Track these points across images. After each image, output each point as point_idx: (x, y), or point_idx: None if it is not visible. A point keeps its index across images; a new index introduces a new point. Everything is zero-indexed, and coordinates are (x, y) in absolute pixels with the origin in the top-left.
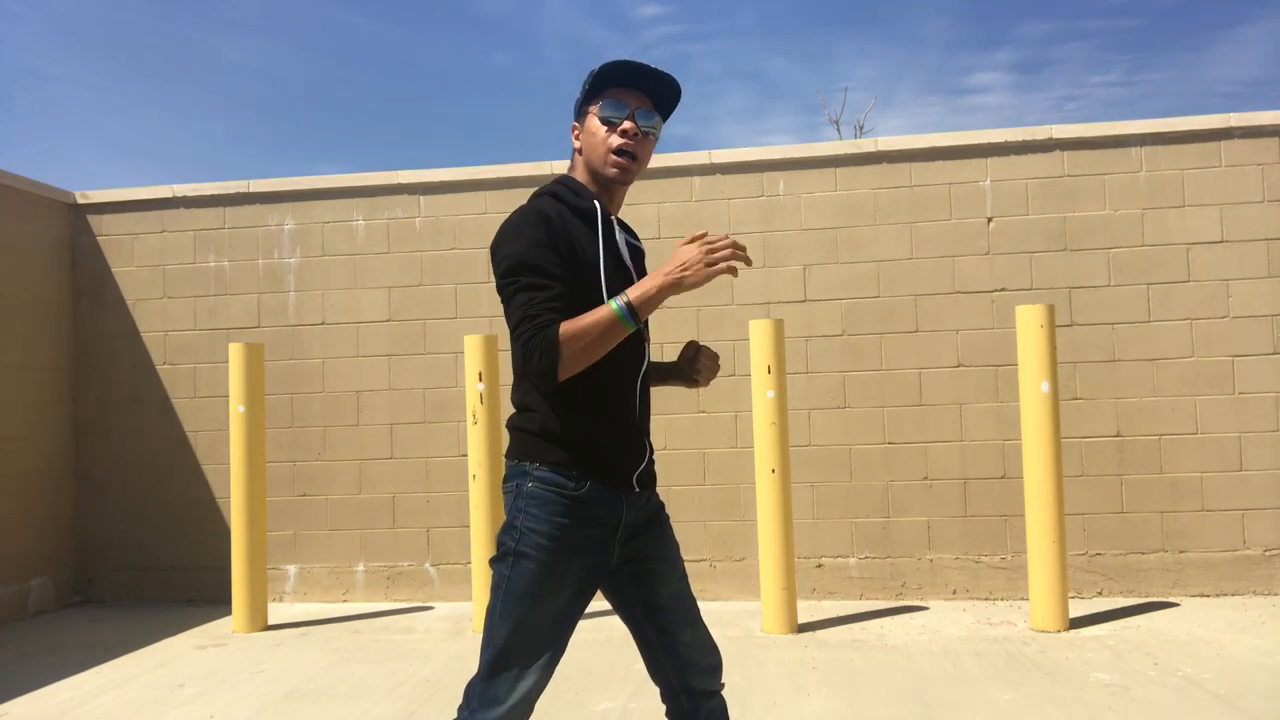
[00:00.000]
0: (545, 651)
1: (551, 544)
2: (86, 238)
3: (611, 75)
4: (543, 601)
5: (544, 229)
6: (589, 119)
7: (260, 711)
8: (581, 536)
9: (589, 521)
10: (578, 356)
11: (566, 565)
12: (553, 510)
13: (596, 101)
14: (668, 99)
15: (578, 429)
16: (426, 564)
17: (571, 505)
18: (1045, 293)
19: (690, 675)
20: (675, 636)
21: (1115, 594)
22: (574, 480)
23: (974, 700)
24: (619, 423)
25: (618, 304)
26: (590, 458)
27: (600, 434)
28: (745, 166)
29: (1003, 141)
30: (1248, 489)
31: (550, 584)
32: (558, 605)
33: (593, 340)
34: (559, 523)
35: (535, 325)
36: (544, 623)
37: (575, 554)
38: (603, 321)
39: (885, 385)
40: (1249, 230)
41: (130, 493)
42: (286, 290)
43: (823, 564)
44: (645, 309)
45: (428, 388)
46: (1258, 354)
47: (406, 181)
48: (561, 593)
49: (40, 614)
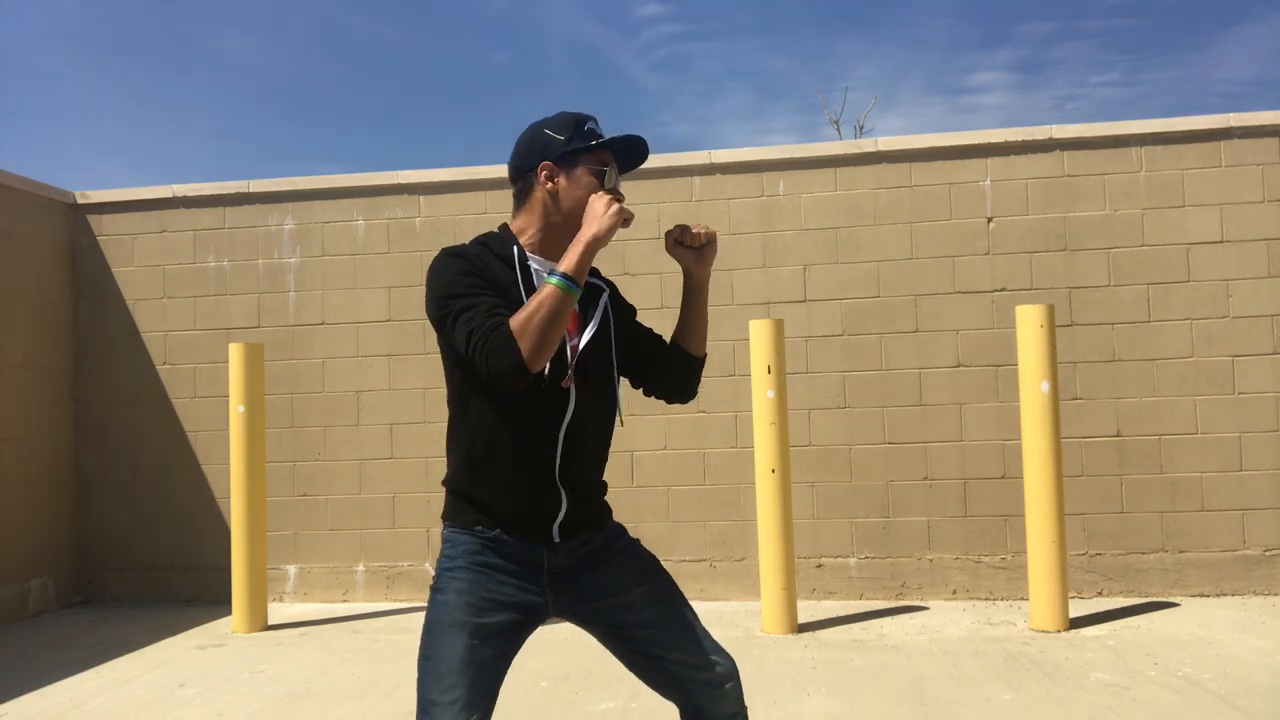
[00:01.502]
0: (457, 689)
1: (468, 576)
2: (86, 238)
3: (611, 142)
4: (452, 636)
5: (462, 263)
6: (580, 172)
7: (260, 711)
8: (497, 575)
9: (507, 560)
10: (539, 340)
11: (481, 601)
12: (468, 548)
13: (590, 158)
14: (631, 165)
15: (485, 491)
16: (426, 564)
17: (484, 544)
18: (1045, 293)
19: (694, 693)
20: (664, 658)
21: (1115, 594)
22: (487, 528)
23: (974, 700)
24: (533, 477)
25: (553, 278)
26: (498, 514)
27: (504, 493)
28: (745, 166)
29: (1003, 141)
30: (1248, 489)
31: (462, 614)
32: (466, 642)
33: (544, 318)
34: (474, 559)
35: (484, 331)
36: (453, 658)
37: (491, 591)
38: (547, 299)
39: (885, 385)
40: (1249, 230)
41: (130, 493)
42: (286, 290)
43: (823, 564)
44: (580, 271)
45: (428, 388)
46: (1258, 354)
47: (406, 181)
48: (471, 629)
49: (40, 614)
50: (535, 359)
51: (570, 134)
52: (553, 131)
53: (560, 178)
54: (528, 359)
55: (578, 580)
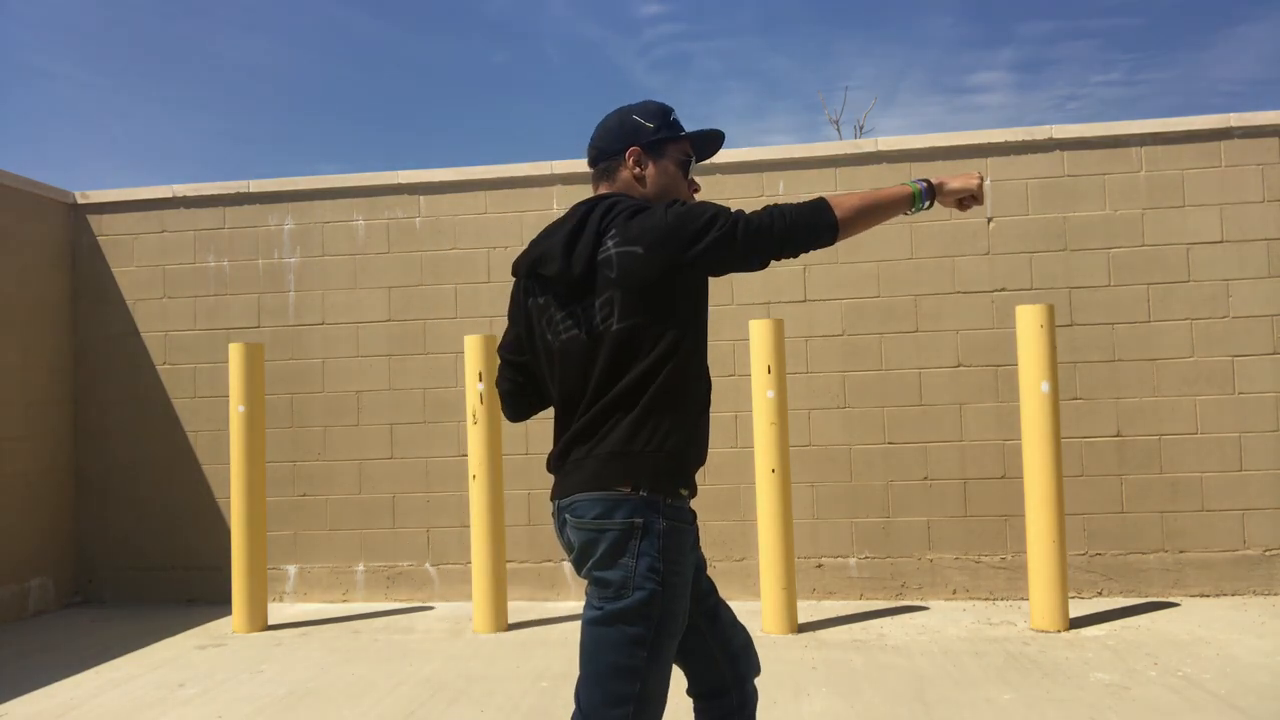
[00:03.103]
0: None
1: (695, 545)
2: (86, 238)
3: (696, 135)
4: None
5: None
6: (666, 162)
7: (260, 711)
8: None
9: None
10: (862, 216)
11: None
12: (688, 517)
13: (676, 147)
14: (706, 156)
15: (697, 454)
16: (426, 564)
17: (690, 510)
18: (1045, 293)
19: (739, 659)
20: (718, 619)
21: (1115, 594)
22: (690, 494)
23: (974, 700)
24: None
25: (915, 183)
26: (695, 474)
27: (704, 450)
28: (745, 166)
29: (1003, 141)
30: (1248, 489)
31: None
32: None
33: (880, 203)
34: (692, 527)
35: (782, 207)
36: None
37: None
38: (895, 194)
39: (885, 385)
40: (1249, 230)
41: (130, 493)
42: (286, 290)
43: (823, 564)
44: (931, 201)
45: (428, 388)
46: (1258, 354)
47: (406, 181)
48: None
49: (40, 614)
50: (846, 229)
51: (659, 123)
52: (642, 119)
53: (649, 164)
54: (841, 224)
55: None
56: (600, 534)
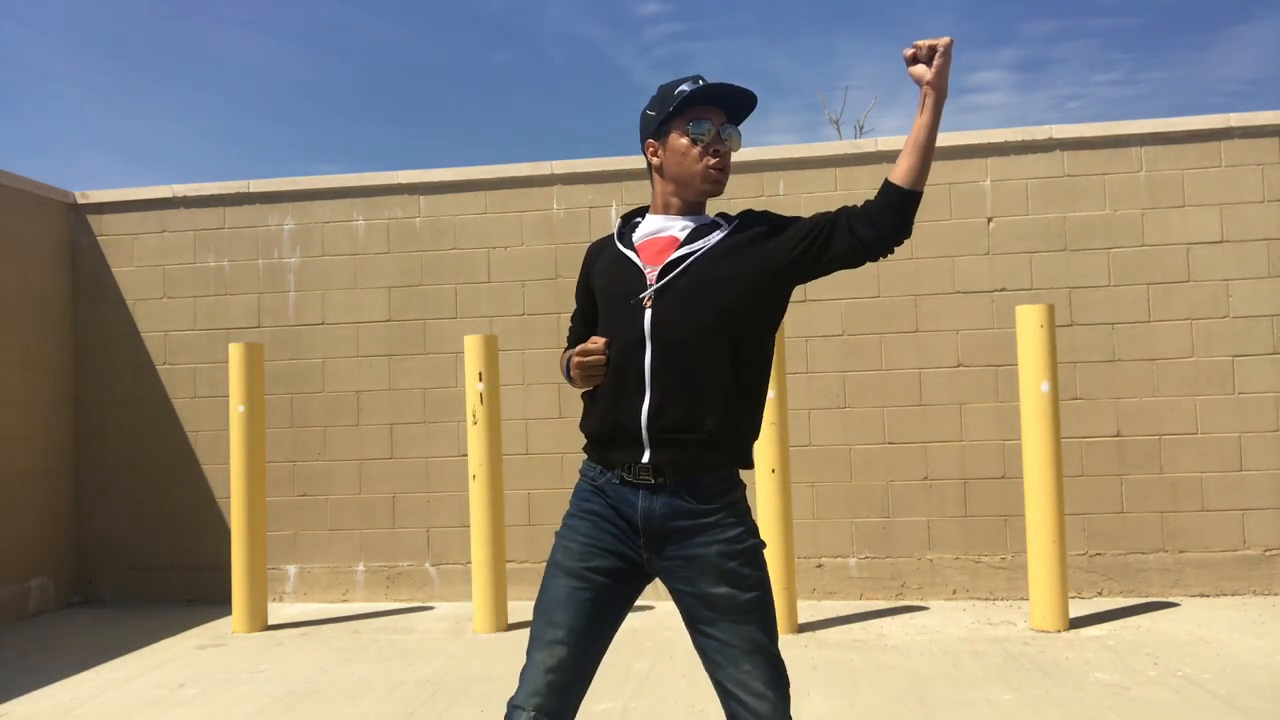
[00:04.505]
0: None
1: None
2: (86, 238)
3: (694, 95)
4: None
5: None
6: (673, 138)
7: (260, 711)
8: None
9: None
10: (919, 170)
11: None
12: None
13: (679, 121)
14: (743, 110)
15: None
16: (426, 564)
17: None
18: (1045, 293)
19: (736, 709)
20: (720, 669)
21: (1115, 594)
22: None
23: (974, 700)
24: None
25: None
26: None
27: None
28: (745, 166)
29: (1003, 141)
30: (1248, 489)
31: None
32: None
33: (918, 143)
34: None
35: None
36: None
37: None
38: (920, 124)
39: (885, 385)
40: (1249, 230)
41: (130, 493)
42: (286, 290)
43: (823, 564)
44: (928, 80)
45: (428, 388)
46: (1258, 354)
47: (406, 181)
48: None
49: (40, 614)
50: (918, 184)
51: (659, 108)
52: (648, 109)
53: (661, 150)
54: (913, 189)
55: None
56: None
